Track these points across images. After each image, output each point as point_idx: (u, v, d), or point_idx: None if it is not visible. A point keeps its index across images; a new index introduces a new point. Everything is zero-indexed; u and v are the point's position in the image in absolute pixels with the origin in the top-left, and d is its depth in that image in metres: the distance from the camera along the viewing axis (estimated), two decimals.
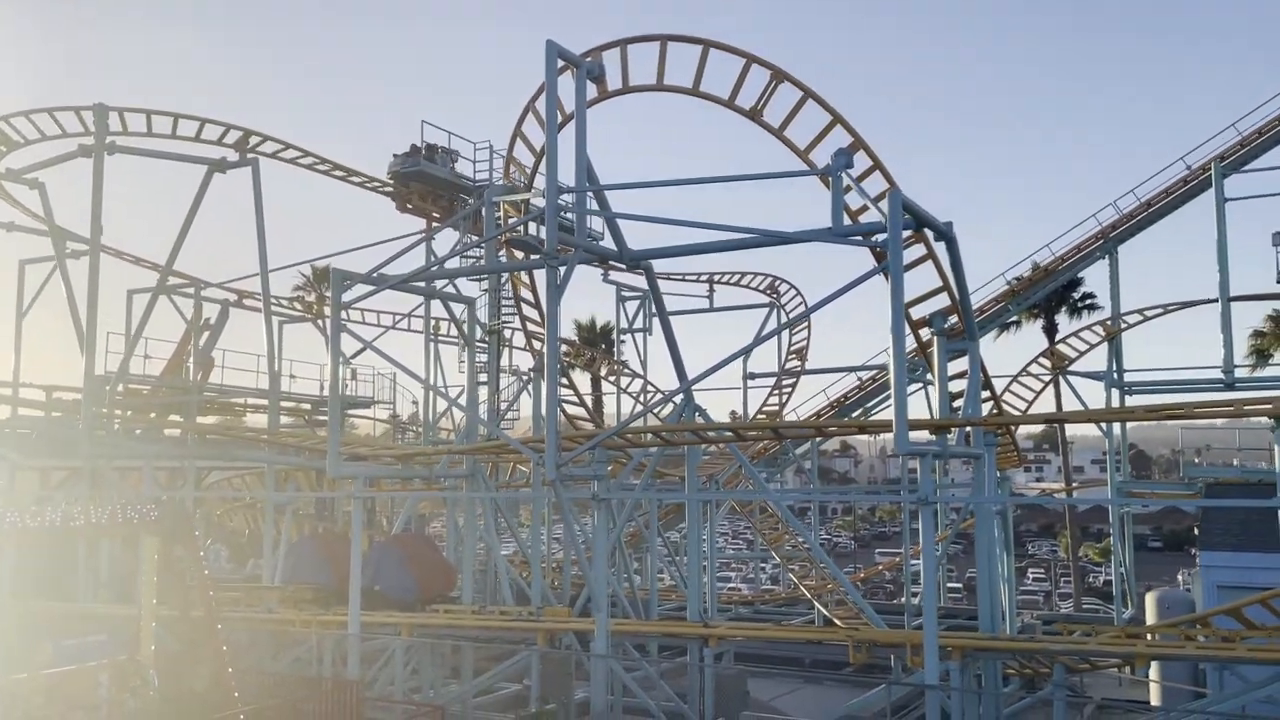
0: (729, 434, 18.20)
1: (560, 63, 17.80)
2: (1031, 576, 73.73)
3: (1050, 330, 45.22)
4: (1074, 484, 65.82)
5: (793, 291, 38.18)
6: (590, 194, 17.64)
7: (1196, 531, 25.06)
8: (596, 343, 52.08)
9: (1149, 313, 32.75)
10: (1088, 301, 45.44)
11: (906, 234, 17.60)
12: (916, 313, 20.11)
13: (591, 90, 18.87)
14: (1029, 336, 47.34)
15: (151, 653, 17.87)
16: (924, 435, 17.47)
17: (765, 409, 36.29)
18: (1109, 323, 33.25)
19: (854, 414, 36.66)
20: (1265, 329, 53.19)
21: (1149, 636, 19.63)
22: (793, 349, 36.64)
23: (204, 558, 25.34)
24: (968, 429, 17.45)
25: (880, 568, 47.56)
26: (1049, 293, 40.85)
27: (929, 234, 18.29)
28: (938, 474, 36.33)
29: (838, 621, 27.00)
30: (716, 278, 40.07)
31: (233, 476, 34.06)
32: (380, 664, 21.81)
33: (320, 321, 36.27)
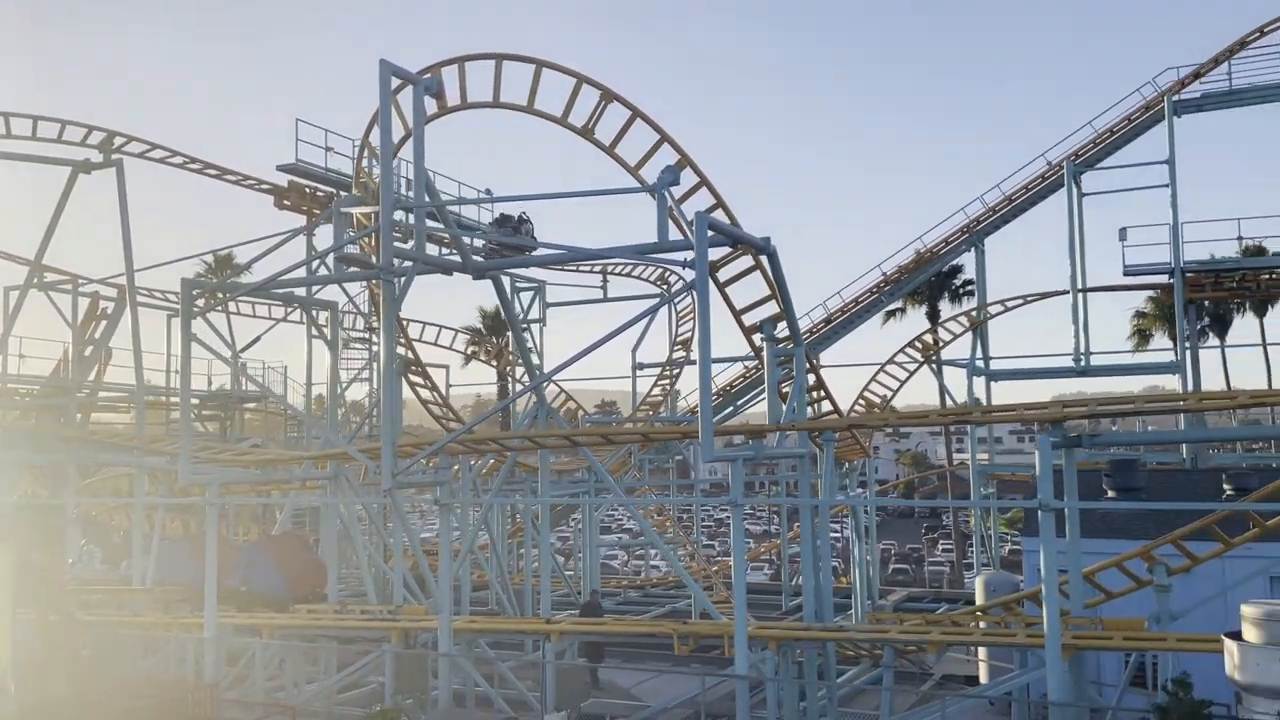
0: (564, 440, 19.00)
1: (398, 81, 18.27)
2: (942, 549, 76.06)
3: (934, 316, 46.73)
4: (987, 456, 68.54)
5: (682, 283, 38.80)
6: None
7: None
8: (501, 331, 52.43)
9: (1010, 303, 34.27)
10: (969, 288, 46.93)
11: (725, 250, 18.50)
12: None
13: (432, 106, 19.36)
14: (914, 323, 48.87)
15: (9, 660, 18.19)
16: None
17: (649, 399, 37.20)
18: (974, 313, 34.75)
19: (739, 401, 37.80)
20: (1147, 310, 55.14)
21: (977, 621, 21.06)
22: (678, 340, 37.50)
23: (69, 562, 25.63)
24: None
25: (763, 549, 49.09)
26: (928, 280, 42.33)
27: None
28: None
29: (711, 606, 28.18)
30: (610, 269, 40.61)
31: (112, 479, 34.06)
32: (245, 663, 22.26)
33: (220, 312, 36.10)
